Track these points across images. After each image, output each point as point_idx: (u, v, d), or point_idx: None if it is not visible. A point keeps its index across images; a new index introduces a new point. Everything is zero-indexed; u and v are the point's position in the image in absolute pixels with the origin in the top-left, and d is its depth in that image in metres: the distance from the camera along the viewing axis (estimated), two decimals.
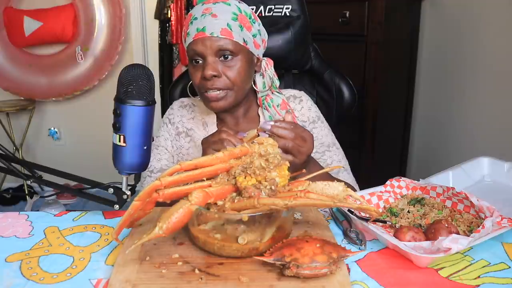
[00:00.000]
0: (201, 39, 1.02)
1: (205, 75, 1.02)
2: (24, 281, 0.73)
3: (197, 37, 1.02)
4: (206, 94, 1.05)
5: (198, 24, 1.02)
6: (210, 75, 1.02)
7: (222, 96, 1.05)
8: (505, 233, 0.80)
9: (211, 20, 1.02)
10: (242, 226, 0.74)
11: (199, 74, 1.04)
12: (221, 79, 1.03)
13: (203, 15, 1.03)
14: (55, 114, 2.99)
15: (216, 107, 1.07)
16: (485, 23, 1.98)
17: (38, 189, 2.97)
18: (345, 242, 0.83)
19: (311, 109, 1.19)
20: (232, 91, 1.06)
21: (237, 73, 1.04)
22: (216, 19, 1.02)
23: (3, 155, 0.91)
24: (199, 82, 1.05)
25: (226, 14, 1.03)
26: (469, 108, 2.12)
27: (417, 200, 0.92)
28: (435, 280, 0.71)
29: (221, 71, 1.03)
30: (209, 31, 1.01)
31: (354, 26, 2.07)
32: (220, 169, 0.78)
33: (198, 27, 1.02)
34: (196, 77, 1.05)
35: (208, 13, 1.02)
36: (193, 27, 1.03)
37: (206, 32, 1.01)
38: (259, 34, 1.09)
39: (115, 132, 0.82)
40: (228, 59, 1.03)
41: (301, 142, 0.92)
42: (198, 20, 1.03)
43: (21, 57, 2.77)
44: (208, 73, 1.01)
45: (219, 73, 1.03)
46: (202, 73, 1.03)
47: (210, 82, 1.03)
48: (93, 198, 0.93)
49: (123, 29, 2.72)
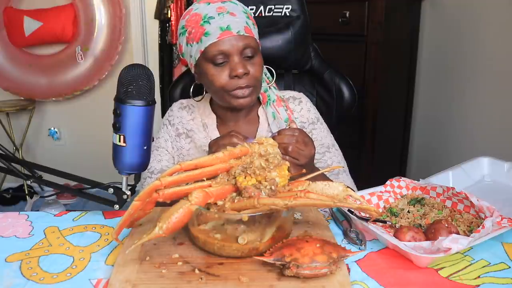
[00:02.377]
0: (228, 38, 1.01)
1: (238, 74, 1.01)
2: (24, 281, 0.73)
3: (222, 36, 1.00)
4: (235, 92, 1.04)
5: (219, 23, 1.00)
6: (242, 73, 1.01)
7: (249, 93, 1.05)
8: (505, 233, 0.80)
9: (232, 18, 1.01)
10: (242, 226, 0.74)
11: (223, 74, 1.03)
12: (249, 77, 1.04)
13: (220, 14, 1.01)
14: (55, 114, 2.99)
15: (245, 103, 1.06)
16: (485, 23, 1.98)
17: (38, 189, 2.97)
18: (345, 242, 0.83)
19: (310, 111, 1.19)
20: (256, 88, 1.07)
21: (259, 70, 1.05)
22: (236, 18, 1.01)
23: (3, 155, 0.91)
24: (225, 82, 1.03)
25: (241, 13, 1.03)
26: (469, 108, 2.12)
27: (417, 200, 0.92)
28: (435, 280, 0.71)
29: (248, 69, 1.03)
30: (235, 30, 1.01)
31: (354, 26, 2.07)
32: (220, 169, 0.78)
33: (222, 26, 1.00)
34: (220, 77, 1.03)
35: (225, 11, 1.01)
36: (214, 27, 1.01)
37: (232, 31, 1.00)
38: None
39: (115, 132, 0.82)
40: (251, 57, 1.04)
41: (302, 146, 0.95)
42: (217, 19, 1.01)
43: (21, 57, 2.77)
44: (240, 71, 1.01)
45: (248, 70, 1.03)
46: (232, 72, 1.02)
47: (242, 80, 1.03)
48: (93, 198, 0.93)
49: (123, 29, 2.72)
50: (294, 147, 0.94)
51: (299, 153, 0.95)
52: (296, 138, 0.95)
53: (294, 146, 0.94)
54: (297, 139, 0.95)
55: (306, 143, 0.96)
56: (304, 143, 0.96)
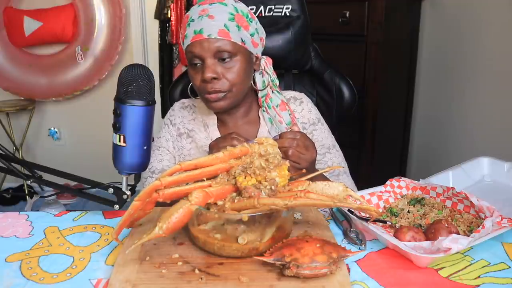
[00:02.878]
0: (199, 41, 1.02)
1: (205, 78, 1.02)
2: (24, 281, 0.73)
3: (194, 39, 1.02)
4: (206, 96, 1.05)
5: (195, 26, 1.02)
6: (210, 77, 1.02)
7: (222, 97, 1.05)
8: (505, 233, 0.80)
9: (208, 21, 1.01)
10: (242, 226, 0.74)
11: (199, 76, 1.04)
12: (221, 81, 1.03)
13: (200, 17, 1.02)
14: (55, 114, 2.98)
15: (216, 107, 1.07)
16: (485, 23, 1.98)
17: (38, 189, 2.97)
18: (345, 242, 0.83)
19: (311, 111, 1.19)
20: (231, 92, 1.06)
21: (236, 75, 1.04)
22: (213, 20, 1.02)
23: (3, 155, 0.91)
24: (199, 84, 1.05)
25: (223, 15, 1.03)
26: (469, 108, 2.12)
27: (417, 200, 0.92)
28: (435, 280, 0.71)
29: (220, 73, 1.03)
30: (207, 33, 1.01)
31: (354, 26, 2.07)
32: (220, 169, 0.78)
33: (196, 29, 1.02)
34: (196, 80, 1.05)
35: (205, 14, 1.02)
36: (191, 30, 1.03)
37: (203, 34, 1.01)
38: (256, 32, 1.09)
39: (115, 132, 0.82)
40: (226, 61, 1.03)
41: (303, 150, 0.95)
42: (195, 22, 1.02)
43: (21, 57, 2.77)
44: (207, 75, 1.01)
45: (219, 75, 1.03)
46: (202, 75, 1.03)
47: (210, 85, 1.03)
48: (93, 198, 0.93)
49: (123, 29, 2.72)
50: (295, 151, 0.93)
51: (300, 157, 0.94)
52: (297, 142, 0.94)
53: (295, 150, 0.93)
54: (297, 143, 0.94)
55: (307, 147, 0.95)
56: (305, 147, 0.95)
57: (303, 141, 0.95)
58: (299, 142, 0.94)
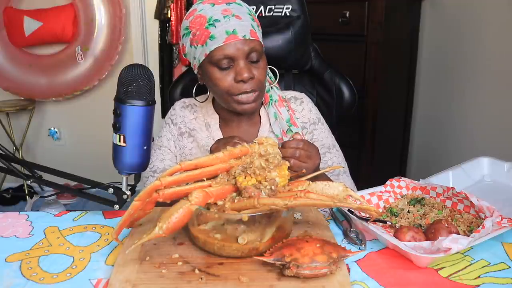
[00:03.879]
0: (234, 43, 0.99)
1: (243, 78, 1.00)
2: (24, 281, 0.73)
3: (228, 40, 0.99)
4: (237, 98, 1.04)
5: (225, 26, 0.99)
6: (248, 77, 1.01)
7: (254, 97, 1.04)
8: (505, 233, 0.80)
9: (238, 22, 1.00)
10: (242, 226, 0.74)
11: (228, 77, 1.02)
12: (254, 81, 1.03)
13: (226, 17, 0.99)
14: (55, 114, 2.98)
15: (249, 109, 1.06)
16: (485, 23, 1.98)
17: (38, 189, 2.97)
18: (345, 242, 0.83)
19: (311, 111, 1.19)
20: (261, 92, 1.06)
21: (264, 73, 1.05)
22: (242, 21, 1.00)
23: (3, 155, 0.91)
24: (230, 86, 1.03)
25: (246, 15, 1.02)
26: (469, 108, 2.12)
27: (417, 200, 0.92)
28: (435, 280, 0.71)
29: (253, 74, 1.02)
30: (241, 34, 0.99)
31: (354, 26, 2.07)
32: (220, 169, 0.78)
33: (228, 30, 0.99)
34: (225, 81, 1.03)
35: (230, 14, 1.00)
36: (219, 30, 0.99)
37: (238, 35, 0.99)
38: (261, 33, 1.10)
39: (115, 132, 0.82)
40: (256, 61, 1.03)
41: (305, 159, 0.92)
42: (222, 23, 0.99)
43: (21, 57, 2.77)
44: (245, 75, 1.00)
45: (254, 75, 1.02)
46: (237, 76, 1.01)
47: (246, 85, 1.02)
48: (93, 198, 0.93)
49: (123, 29, 2.72)
50: (297, 162, 0.91)
51: (301, 167, 0.92)
52: (300, 152, 0.91)
53: (297, 160, 0.91)
54: (300, 153, 0.91)
55: (309, 156, 0.93)
56: (307, 156, 0.92)
57: (305, 150, 0.92)
58: (302, 152, 0.91)
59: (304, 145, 0.93)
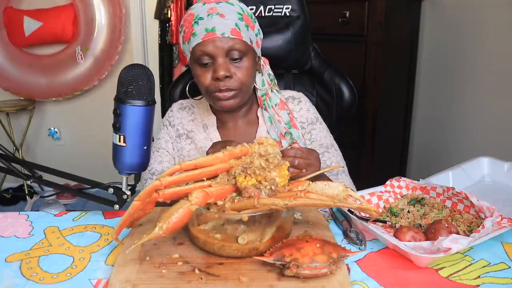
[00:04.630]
0: (212, 40, 1.00)
1: (218, 76, 1.01)
2: (24, 281, 0.73)
3: (206, 37, 1.00)
4: (216, 94, 1.04)
5: (206, 24, 1.01)
6: (223, 75, 1.01)
7: (232, 95, 1.05)
8: (505, 233, 0.80)
9: (220, 20, 1.01)
10: (242, 226, 0.74)
11: (208, 75, 1.04)
12: (232, 80, 1.03)
13: (209, 15, 1.01)
14: (55, 114, 2.98)
15: (227, 106, 1.06)
16: (485, 23, 1.98)
17: (38, 189, 2.97)
18: (345, 242, 0.83)
19: (309, 111, 1.19)
20: (241, 91, 1.06)
21: (246, 73, 1.05)
22: (225, 19, 1.01)
23: (3, 155, 0.91)
24: (209, 83, 1.04)
25: (232, 14, 1.02)
26: (469, 108, 2.12)
27: (417, 200, 0.92)
28: (435, 280, 0.71)
29: (232, 72, 1.03)
30: (220, 31, 1.00)
31: (354, 26, 2.07)
32: (220, 169, 0.78)
33: (207, 27, 1.00)
34: (205, 78, 1.04)
35: (214, 13, 1.01)
36: (200, 27, 1.01)
37: (216, 33, 1.00)
38: (259, 33, 1.10)
39: (115, 132, 0.82)
40: (237, 60, 1.03)
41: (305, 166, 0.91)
42: (205, 20, 1.01)
43: (21, 57, 2.77)
44: (221, 73, 1.01)
45: (231, 73, 1.03)
46: (213, 74, 1.02)
47: (222, 83, 1.02)
48: (93, 198, 0.93)
49: (123, 29, 2.72)
50: (295, 171, 0.90)
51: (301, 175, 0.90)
52: (299, 161, 0.90)
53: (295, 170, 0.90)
54: (299, 162, 0.90)
55: (309, 164, 0.92)
56: (307, 164, 0.91)
57: (304, 158, 0.91)
58: (301, 161, 0.90)
59: (303, 153, 0.92)
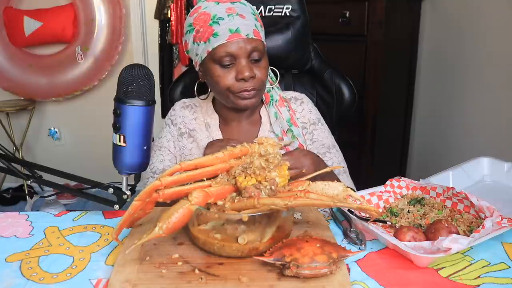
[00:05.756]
0: (236, 41, 1.01)
1: (245, 77, 1.01)
2: (24, 281, 0.73)
3: (231, 38, 1.00)
4: (241, 94, 1.05)
5: (228, 25, 1.00)
6: (249, 76, 1.02)
7: (253, 95, 1.05)
8: (505, 233, 0.80)
9: (242, 21, 1.01)
10: (242, 226, 0.74)
11: (229, 75, 1.03)
12: (255, 80, 1.04)
13: (230, 15, 1.01)
14: (55, 114, 2.98)
15: (250, 104, 1.07)
16: (485, 23, 1.98)
17: (38, 189, 2.97)
18: (345, 242, 0.83)
19: (311, 111, 1.20)
20: (261, 91, 1.08)
21: (265, 73, 1.06)
22: (246, 20, 1.01)
23: (3, 155, 0.91)
24: (231, 84, 1.04)
25: (250, 15, 1.03)
26: (469, 108, 2.12)
27: (417, 200, 0.92)
28: (435, 280, 0.71)
29: (254, 72, 1.03)
30: (244, 32, 1.01)
31: (354, 26, 2.07)
32: (220, 169, 0.78)
33: (231, 28, 1.00)
34: (226, 79, 1.04)
35: (234, 13, 1.01)
36: (223, 28, 1.00)
37: (241, 34, 1.00)
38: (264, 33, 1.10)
39: (115, 132, 0.82)
40: (257, 60, 1.04)
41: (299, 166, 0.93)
42: (226, 21, 1.01)
43: (21, 57, 2.77)
44: (247, 74, 1.01)
45: (255, 74, 1.03)
46: (238, 75, 1.02)
47: (248, 84, 1.03)
48: (93, 198, 0.93)
49: (123, 29, 2.72)
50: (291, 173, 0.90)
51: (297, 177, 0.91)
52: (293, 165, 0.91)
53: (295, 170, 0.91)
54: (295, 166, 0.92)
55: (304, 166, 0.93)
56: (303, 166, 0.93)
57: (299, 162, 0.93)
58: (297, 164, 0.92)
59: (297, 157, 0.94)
